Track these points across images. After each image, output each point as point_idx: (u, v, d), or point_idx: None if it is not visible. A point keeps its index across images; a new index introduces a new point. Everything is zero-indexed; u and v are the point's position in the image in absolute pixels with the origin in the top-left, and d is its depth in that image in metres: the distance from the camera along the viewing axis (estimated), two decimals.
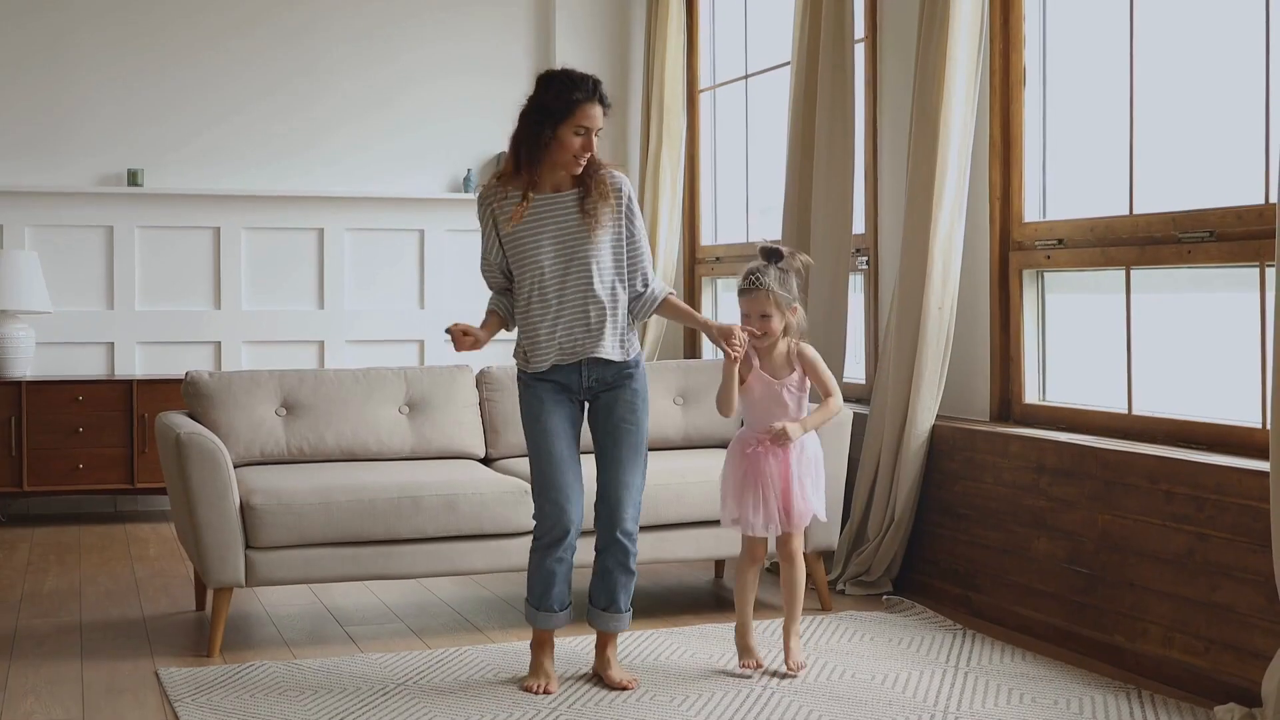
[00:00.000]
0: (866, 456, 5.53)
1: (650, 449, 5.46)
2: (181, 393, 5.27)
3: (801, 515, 4.36)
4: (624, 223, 4.24)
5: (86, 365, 7.58)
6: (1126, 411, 4.76)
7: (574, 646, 4.63)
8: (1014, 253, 5.25)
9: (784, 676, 4.34)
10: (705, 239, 7.86)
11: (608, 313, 4.19)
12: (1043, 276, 5.22)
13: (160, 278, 7.69)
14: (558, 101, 4.09)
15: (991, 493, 5.02)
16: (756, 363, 4.38)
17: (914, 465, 5.30)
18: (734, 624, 4.50)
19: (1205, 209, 4.43)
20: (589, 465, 4.38)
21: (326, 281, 7.91)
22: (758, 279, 4.32)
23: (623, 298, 4.23)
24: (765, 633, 4.80)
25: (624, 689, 4.22)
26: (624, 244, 4.24)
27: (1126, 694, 4.12)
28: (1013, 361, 5.28)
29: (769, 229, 6.97)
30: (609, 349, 4.19)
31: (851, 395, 6.08)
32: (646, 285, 4.30)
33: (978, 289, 5.34)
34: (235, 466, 4.88)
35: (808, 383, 4.41)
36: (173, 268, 7.70)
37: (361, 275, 7.97)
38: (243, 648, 4.73)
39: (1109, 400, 4.88)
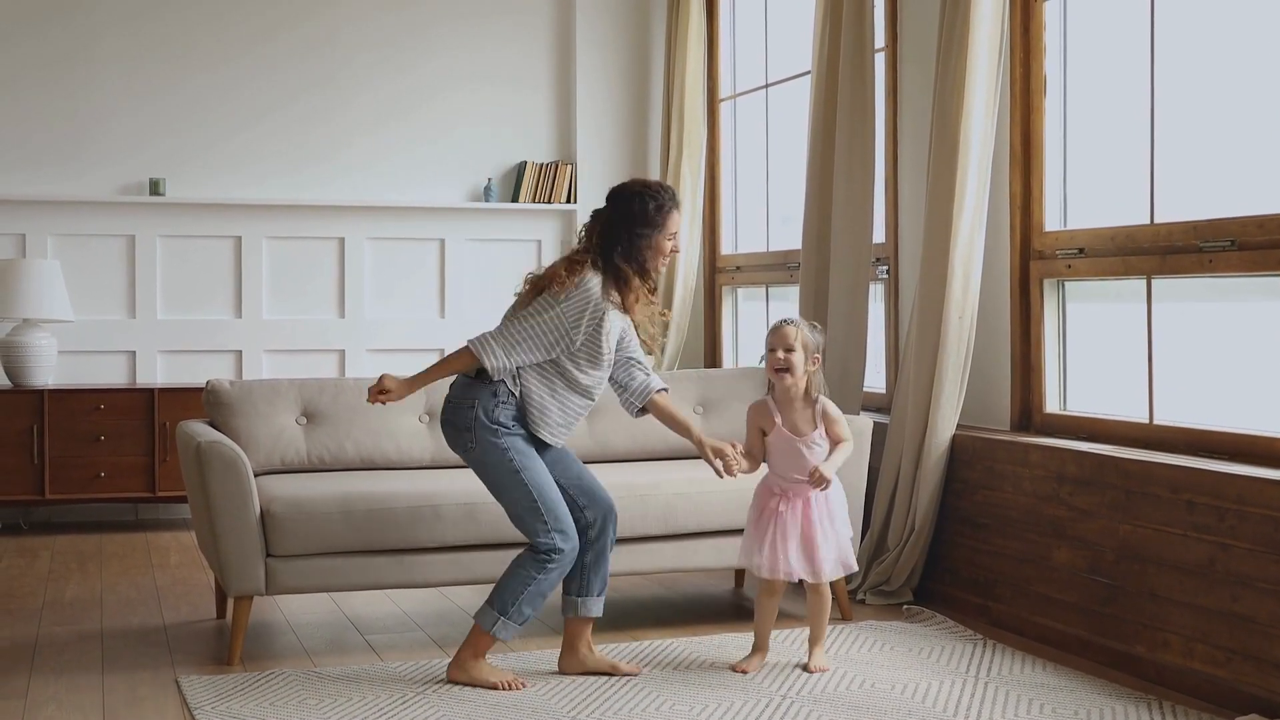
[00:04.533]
0: (886, 466, 5.52)
1: (669, 458, 5.49)
2: (202, 401, 5.28)
3: (825, 564, 4.48)
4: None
5: (108, 374, 7.61)
6: (1147, 421, 4.75)
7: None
8: (1035, 262, 5.24)
9: (805, 669, 4.52)
10: (725, 248, 7.86)
11: None
12: (1063, 285, 5.21)
13: (181, 286, 7.71)
14: (656, 212, 4.39)
15: (1012, 502, 5.00)
16: (779, 419, 4.51)
17: (934, 475, 5.29)
18: (753, 631, 4.64)
19: (1227, 218, 4.41)
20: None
21: (347, 290, 7.93)
22: (788, 319, 4.53)
23: None
24: (789, 641, 4.81)
25: (635, 674, 4.45)
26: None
27: (1147, 704, 4.11)
28: (1033, 371, 5.27)
29: (789, 238, 6.96)
30: None
31: (871, 405, 6.08)
32: (648, 374, 4.55)
33: (998, 298, 5.33)
34: (256, 475, 4.89)
35: (823, 431, 4.54)
36: (194, 276, 7.73)
37: (382, 284, 7.99)
38: (263, 656, 4.74)
39: (1130, 410, 4.87)
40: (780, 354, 4.47)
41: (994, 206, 5.30)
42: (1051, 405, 5.23)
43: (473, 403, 4.31)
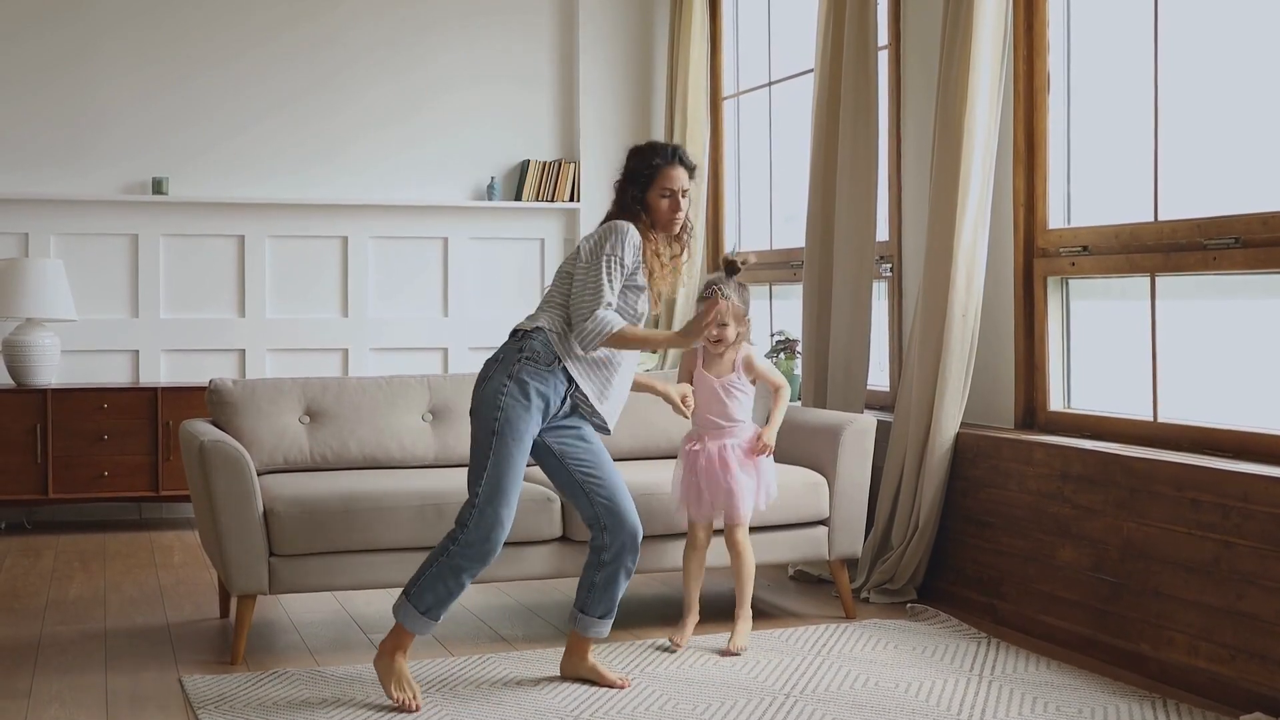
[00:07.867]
0: (890, 464, 5.51)
1: (673, 456, 5.47)
2: (205, 400, 5.28)
3: (736, 506, 4.71)
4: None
5: (111, 373, 7.61)
6: (1152, 419, 4.74)
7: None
8: (1038, 259, 5.23)
9: (725, 654, 4.63)
10: (729, 247, 7.85)
11: None
12: (1067, 283, 5.20)
13: (185, 286, 7.72)
14: (641, 167, 4.37)
15: (1016, 500, 5.00)
16: (700, 362, 4.79)
17: (938, 473, 5.28)
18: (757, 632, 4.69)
19: (1231, 215, 4.40)
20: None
21: (350, 289, 7.93)
22: (718, 289, 4.62)
23: None
24: (788, 640, 4.80)
25: (623, 687, 4.31)
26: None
27: (1151, 702, 4.10)
28: (1037, 369, 5.26)
29: (793, 236, 6.96)
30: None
31: (875, 403, 6.07)
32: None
33: (1002, 296, 5.33)
34: (259, 474, 4.89)
35: (744, 377, 4.77)
36: (197, 276, 7.73)
37: (385, 283, 7.99)
38: (266, 655, 4.74)
39: (1134, 407, 4.86)
40: (715, 329, 4.67)
41: (997, 204, 5.29)
42: (1055, 403, 5.22)
43: (501, 357, 4.28)
